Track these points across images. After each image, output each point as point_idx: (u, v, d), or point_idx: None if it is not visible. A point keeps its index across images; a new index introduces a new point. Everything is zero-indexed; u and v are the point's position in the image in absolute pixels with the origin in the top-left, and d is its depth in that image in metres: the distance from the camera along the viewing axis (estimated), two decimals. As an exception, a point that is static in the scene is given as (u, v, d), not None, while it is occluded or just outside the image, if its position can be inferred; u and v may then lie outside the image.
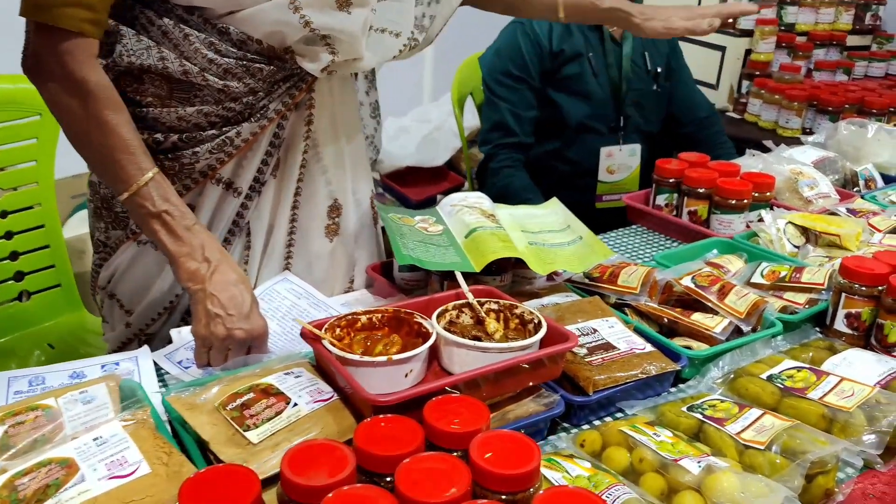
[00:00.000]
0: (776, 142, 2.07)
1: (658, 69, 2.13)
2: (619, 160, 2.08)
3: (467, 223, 1.24)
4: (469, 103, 2.48)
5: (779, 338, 1.19)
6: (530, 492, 0.73)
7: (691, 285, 1.23)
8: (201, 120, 1.14)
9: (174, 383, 1.06)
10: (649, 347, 1.09)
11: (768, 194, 1.65)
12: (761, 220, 1.57)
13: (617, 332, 1.11)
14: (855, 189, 1.87)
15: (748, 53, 2.96)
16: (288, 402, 0.88)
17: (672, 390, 1.11)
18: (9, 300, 1.74)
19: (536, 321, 0.99)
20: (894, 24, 3.29)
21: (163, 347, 1.15)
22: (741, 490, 0.82)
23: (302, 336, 0.95)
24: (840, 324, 1.24)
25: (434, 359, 0.99)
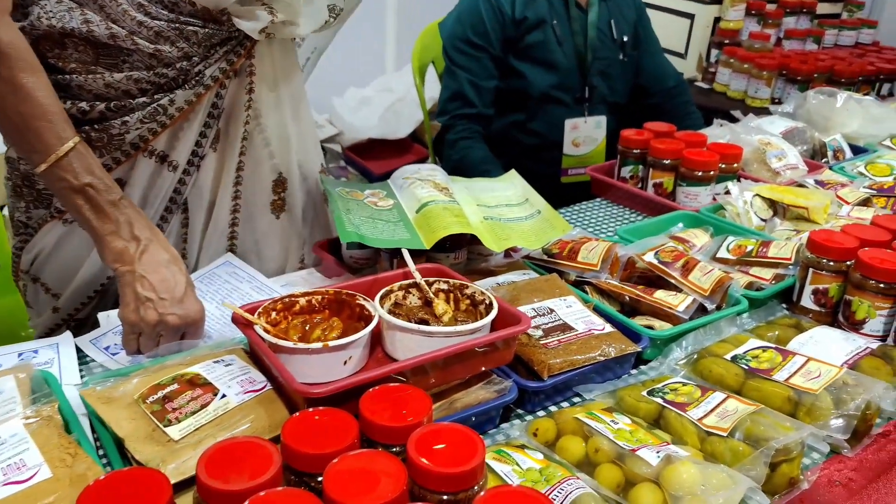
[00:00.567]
0: (745, 112, 2.02)
1: (625, 38, 2.05)
2: (585, 132, 2.01)
3: (419, 197, 1.17)
4: (431, 72, 2.39)
5: (744, 315, 1.14)
6: (473, 490, 0.67)
7: (654, 261, 1.17)
8: (131, 87, 1.05)
9: (97, 373, 0.98)
10: (609, 328, 1.03)
11: (735, 166, 1.60)
12: (728, 193, 1.52)
13: (575, 312, 1.05)
14: (823, 160, 1.83)
15: (717, 21, 2.90)
16: (215, 394, 0.81)
17: (633, 372, 1.06)
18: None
19: (488, 302, 0.93)
20: (864, -8, 3.25)
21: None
22: (702, 482, 0.77)
23: (234, 322, 0.88)
24: (807, 300, 1.19)
25: (378, 344, 0.92)
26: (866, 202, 1.51)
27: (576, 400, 0.99)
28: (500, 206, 1.22)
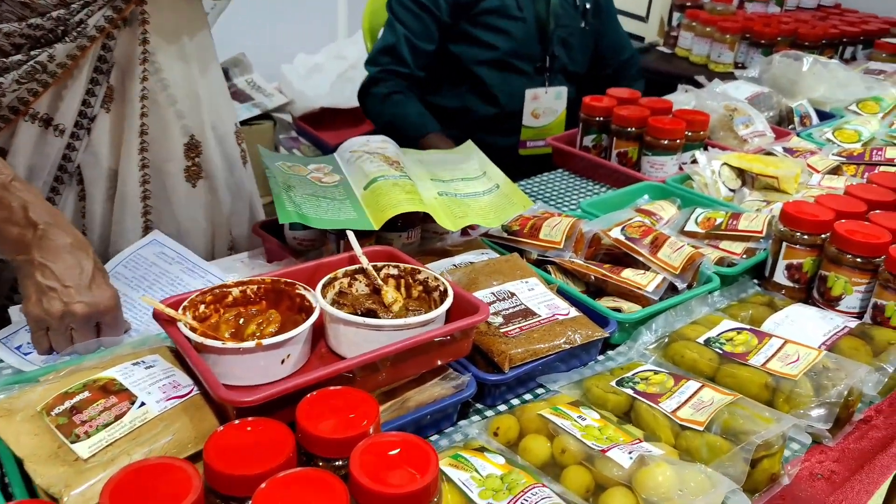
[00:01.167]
0: (709, 77, 1.95)
1: (587, 5, 1.95)
2: (545, 104, 1.91)
3: (367, 173, 1.07)
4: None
5: (715, 294, 1.07)
6: (426, 510, 0.59)
7: (621, 237, 1.09)
8: (2, 42, 0.93)
9: (7, 376, 0.87)
10: (574, 312, 0.95)
11: (702, 133, 1.53)
12: (695, 162, 1.45)
13: (537, 296, 0.97)
14: (790, 126, 1.77)
15: (679, -16, 2.82)
16: (133, 402, 0.71)
17: (600, 358, 0.98)
18: None
19: (442, 289, 0.84)
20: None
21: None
22: (679, 486, 0.70)
23: (155, 318, 0.78)
24: (780, 275, 1.13)
25: (323, 338, 0.83)
26: (836, 170, 1.45)
27: (539, 391, 0.91)
28: (456, 181, 1.13)
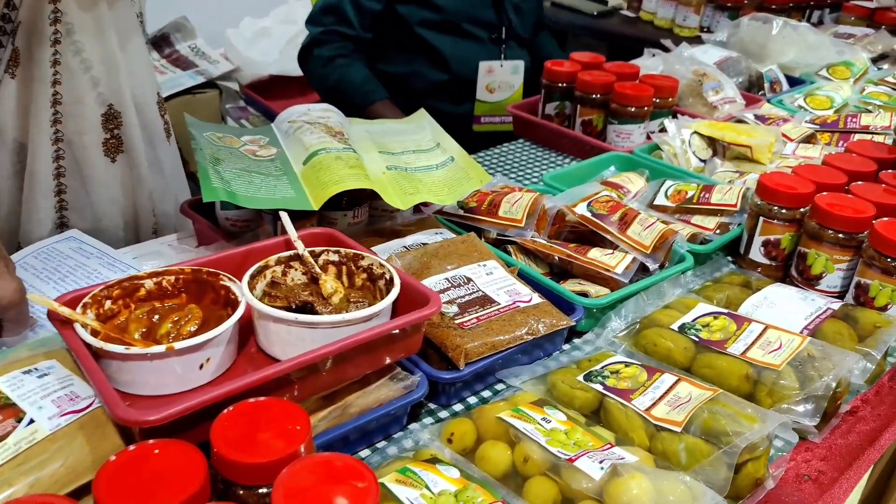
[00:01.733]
0: (675, 42, 1.86)
1: None
2: (501, 77, 1.79)
3: (307, 145, 0.96)
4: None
5: (688, 273, 0.99)
6: (364, 546, 0.50)
7: (587, 214, 1.00)
8: None
9: None
10: (536, 298, 0.86)
11: (671, 100, 1.44)
12: (664, 131, 1.36)
13: (496, 280, 0.87)
14: (760, 92, 1.70)
15: (643, -55, 2.72)
16: (20, 419, 0.60)
17: (565, 347, 0.90)
18: None
19: (388, 277, 0.74)
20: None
21: None
22: (656, 499, 0.62)
23: (49, 319, 0.66)
24: (756, 252, 1.05)
25: (253, 336, 0.73)
26: (811, 139, 1.38)
27: (500, 387, 0.83)
28: (407, 153, 1.03)
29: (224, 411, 0.56)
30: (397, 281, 0.72)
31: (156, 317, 0.71)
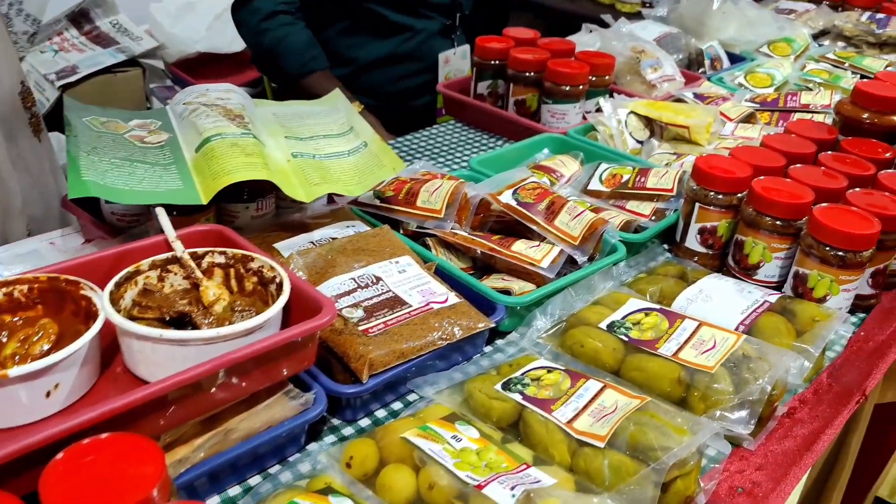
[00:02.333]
0: (615, 17, 1.79)
1: None
2: (455, 65, 1.69)
3: (201, 129, 0.86)
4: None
5: (621, 264, 0.93)
6: None
7: (512, 203, 0.93)
8: None
9: None
10: (453, 298, 0.79)
11: (607, 78, 1.37)
12: (599, 111, 1.30)
13: (410, 279, 0.80)
14: (700, 70, 1.64)
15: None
16: None
17: (487, 349, 0.83)
18: None
19: (279, 280, 0.66)
20: None
21: None
22: (572, 531, 0.55)
23: None
24: (692, 240, 1.00)
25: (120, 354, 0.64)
26: (750, 118, 1.33)
27: (413, 397, 0.75)
28: (318, 138, 0.94)
29: (60, 454, 0.47)
30: (286, 286, 0.64)
31: (4, 334, 0.61)
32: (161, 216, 0.69)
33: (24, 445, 0.47)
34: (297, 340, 0.61)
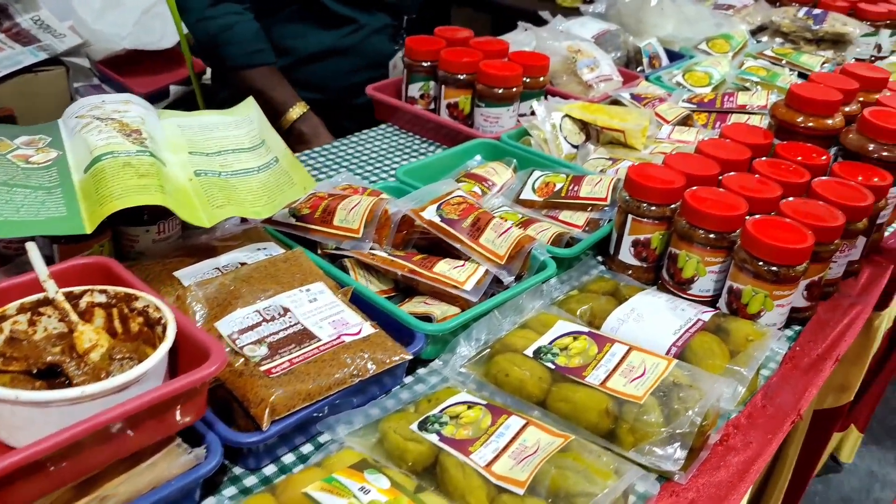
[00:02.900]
0: (553, 13, 1.75)
1: None
2: (401, 68, 1.62)
3: (91, 147, 0.79)
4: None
5: (552, 280, 0.89)
6: None
7: (436, 219, 0.88)
8: None
9: None
10: (368, 328, 0.73)
11: (542, 79, 1.33)
12: (534, 114, 1.25)
13: (321, 308, 0.74)
14: (639, 68, 1.61)
15: None
16: None
17: (408, 380, 0.78)
18: None
19: (164, 322, 0.59)
20: None
21: None
22: None
23: None
24: (626, 253, 0.96)
25: (-17, 407, 0.57)
26: (686, 120, 1.30)
27: (324, 438, 0.70)
28: (225, 153, 0.87)
29: None
30: (171, 331, 0.58)
31: None
32: (32, 252, 0.62)
33: None
34: (182, 393, 0.55)
